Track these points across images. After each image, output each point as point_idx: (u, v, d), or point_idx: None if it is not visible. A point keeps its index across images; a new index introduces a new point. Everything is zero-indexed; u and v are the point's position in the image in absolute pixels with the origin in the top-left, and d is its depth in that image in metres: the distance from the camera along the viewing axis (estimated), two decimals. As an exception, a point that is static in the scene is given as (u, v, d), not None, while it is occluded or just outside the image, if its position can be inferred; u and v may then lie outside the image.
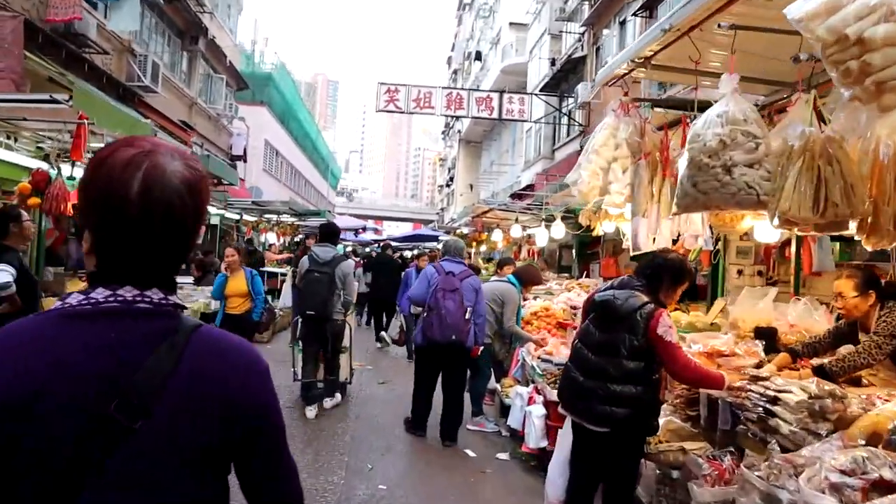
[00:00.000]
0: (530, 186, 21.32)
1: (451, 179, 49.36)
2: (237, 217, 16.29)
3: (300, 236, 19.78)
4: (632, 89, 4.89)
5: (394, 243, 27.31)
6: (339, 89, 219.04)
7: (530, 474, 5.39)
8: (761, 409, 3.07)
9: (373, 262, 14.27)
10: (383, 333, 12.13)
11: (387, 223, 68.11)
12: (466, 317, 6.00)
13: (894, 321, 3.36)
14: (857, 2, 2.19)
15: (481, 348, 6.54)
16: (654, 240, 4.40)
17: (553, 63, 20.97)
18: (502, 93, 20.07)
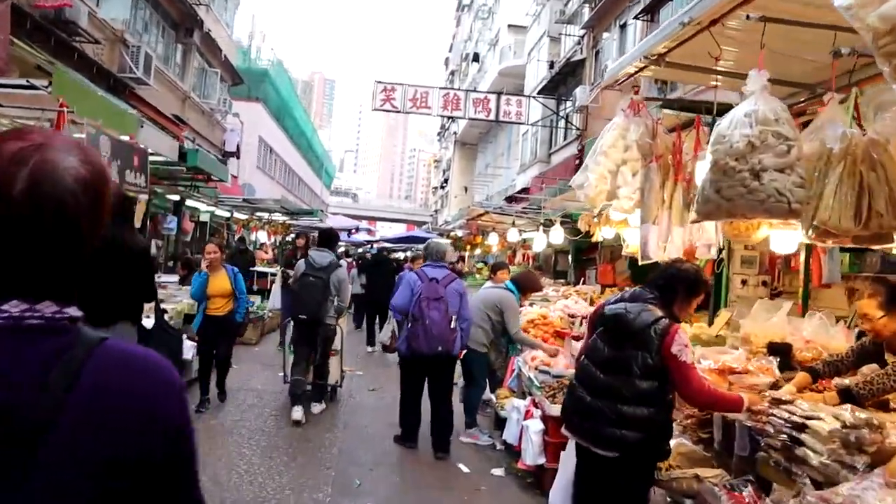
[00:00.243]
0: (525, 190, 21.10)
1: (445, 181, 49.09)
2: (227, 214, 15.97)
3: (291, 235, 19.45)
4: (633, 90, 4.63)
5: (387, 244, 27.10)
6: (335, 88, 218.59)
7: (527, 492, 5.11)
8: (786, 436, 2.81)
9: (369, 263, 14.01)
10: (377, 341, 11.87)
11: (380, 224, 67.82)
12: (452, 325, 5.81)
13: None
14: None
15: (476, 356, 6.34)
16: (665, 248, 4.14)
17: (551, 66, 20.77)
18: (500, 94, 19.88)
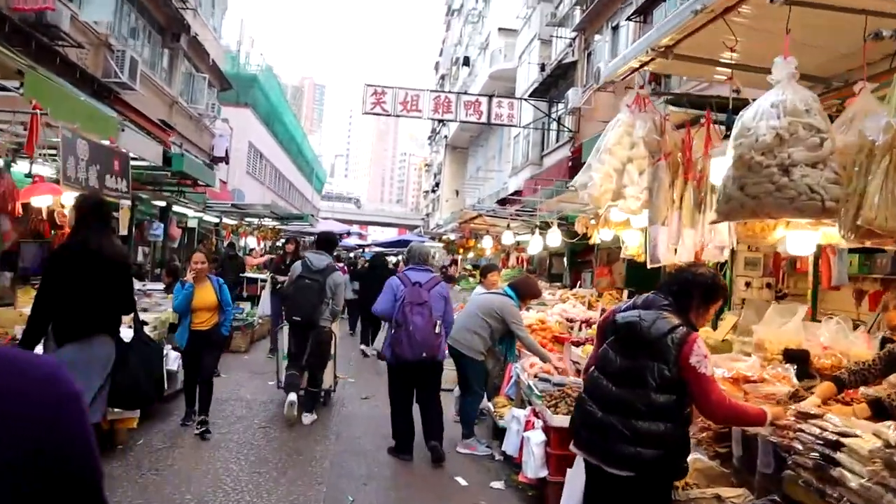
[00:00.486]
0: (518, 192, 20.89)
1: (436, 185, 48.87)
2: (216, 220, 15.67)
3: (282, 240, 19.16)
4: (626, 91, 4.41)
5: (378, 248, 26.84)
6: (325, 94, 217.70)
7: (529, 508, 4.88)
8: (818, 454, 2.59)
9: (367, 268, 13.74)
10: (372, 347, 11.65)
11: (371, 228, 67.48)
12: (437, 331, 5.67)
13: None
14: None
15: (473, 364, 6.14)
16: (676, 251, 3.91)
17: (543, 68, 20.59)
18: (491, 97, 19.68)
